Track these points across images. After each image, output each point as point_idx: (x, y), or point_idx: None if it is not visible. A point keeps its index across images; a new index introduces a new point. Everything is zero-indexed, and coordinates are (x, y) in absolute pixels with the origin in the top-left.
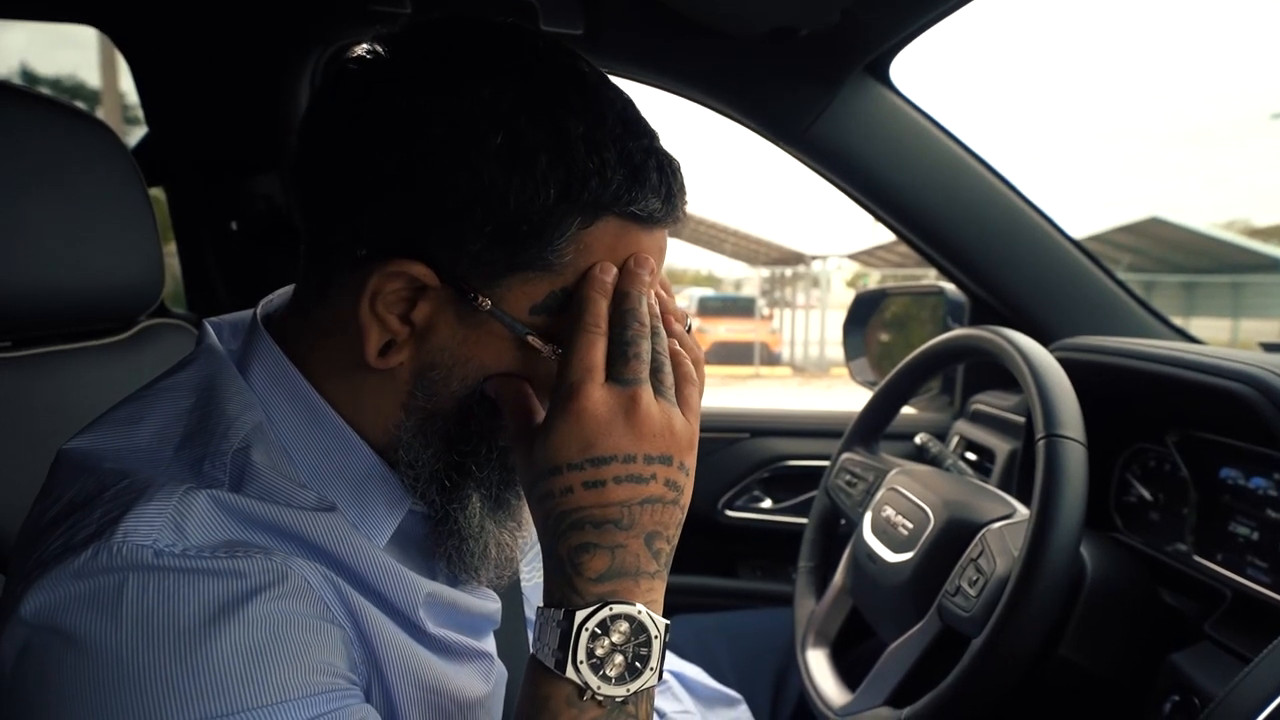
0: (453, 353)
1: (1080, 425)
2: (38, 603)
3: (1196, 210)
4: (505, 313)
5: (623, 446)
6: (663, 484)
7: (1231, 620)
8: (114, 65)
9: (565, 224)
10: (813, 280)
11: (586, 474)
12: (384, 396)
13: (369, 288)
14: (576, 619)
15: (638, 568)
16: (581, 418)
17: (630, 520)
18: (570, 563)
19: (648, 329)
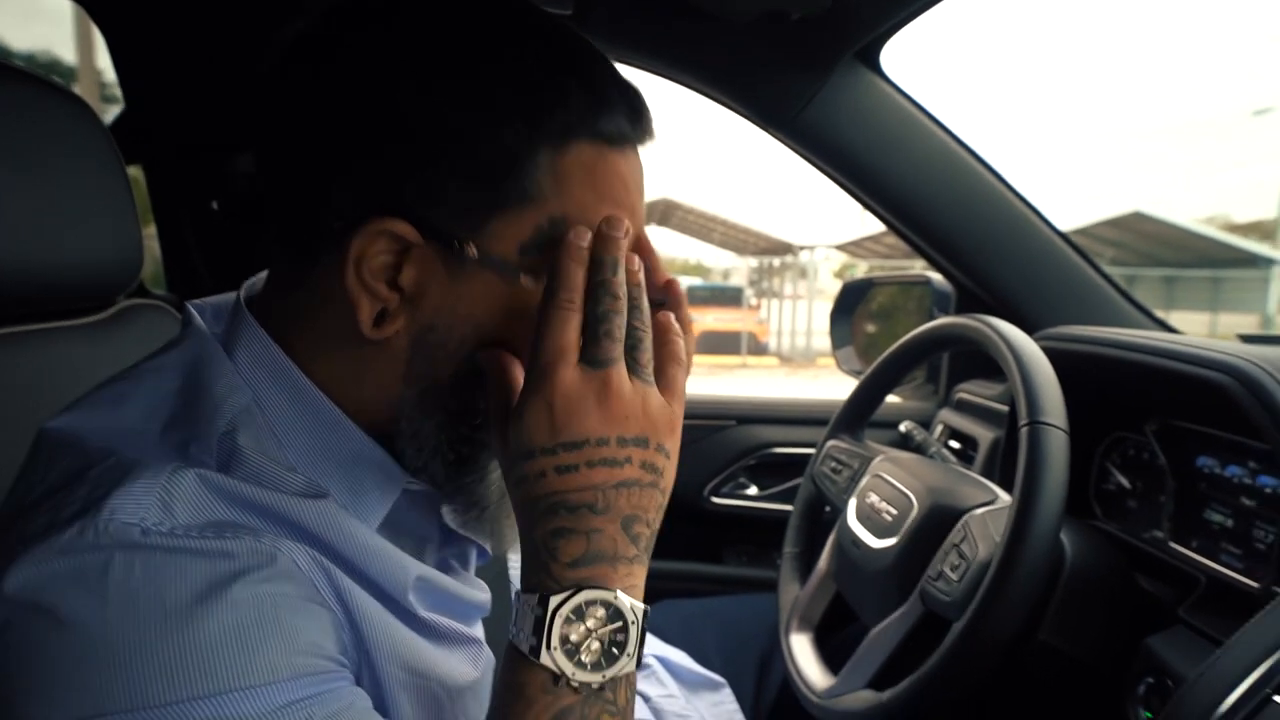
0: (447, 313)
1: (1063, 412)
2: (20, 579)
3: (1179, 205)
4: (493, 255)
5: (594, 429)
6: (639, 466)
7: (1205, 605)
8: (90, 41)
9: (536, 155)
10: (800, 270)
11: (559, 458)
12: (383, 370)
13: (352, 256)
14: (551, 604)
15: (615, 552)
16: (552, 401)
17: (606, 504)
18: (545, 548)
19: (623, 302)
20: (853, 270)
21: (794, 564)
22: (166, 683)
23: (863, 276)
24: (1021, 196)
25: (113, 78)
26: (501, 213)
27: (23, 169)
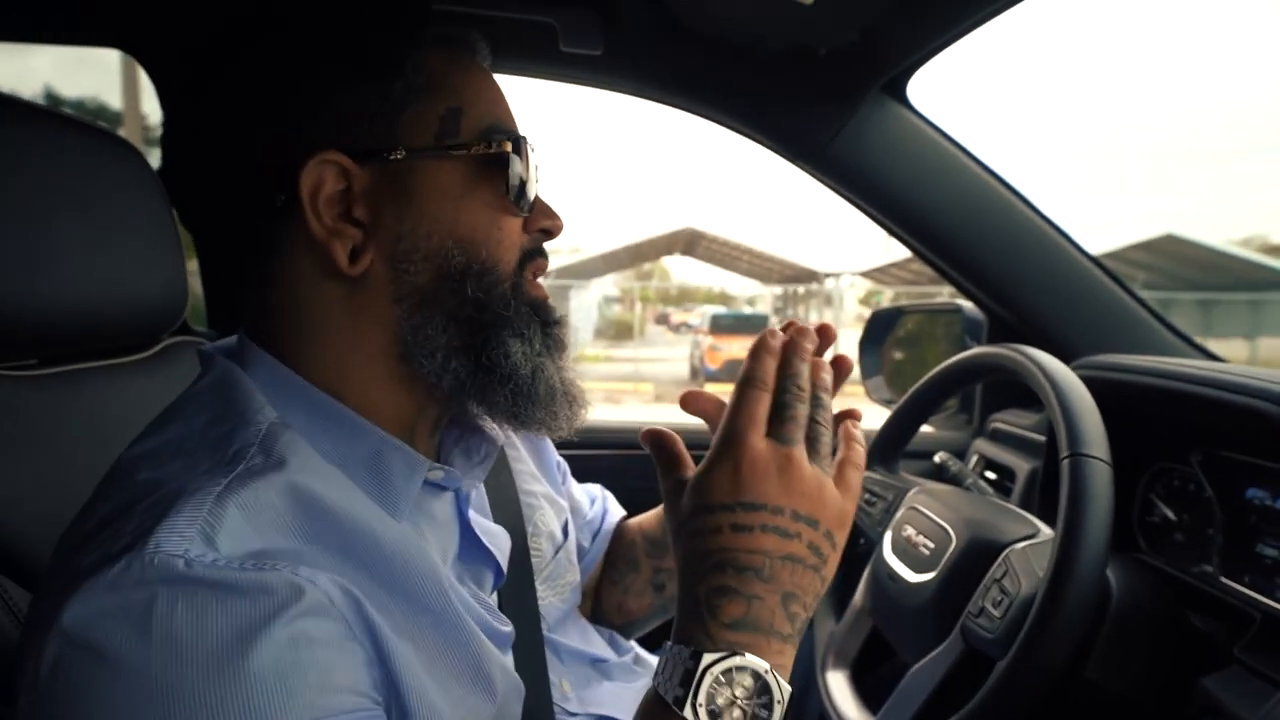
0: (406, 219)
1: (1105, 444)
2: (73, 615)
3: (1213, 227)
4: (416, 148)
5: (773, 497)
6: (806, 545)
7: (1261, 643)
8: (136, 87)
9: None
10: (825, 298)
11: (736, 516)
12: (375, 303)
13: (306, 200)
14: (704, 661)
15: (771, 625)
16: (739, 463)
17: (770, 573)
18: (707, 604)
19: (806, 394)
20: (878, 297)
21: (829, 598)
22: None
23: (892, 305)
24: (1053, 223)
25: (156, 120)
26: (404, 113)
27: (74, 212)
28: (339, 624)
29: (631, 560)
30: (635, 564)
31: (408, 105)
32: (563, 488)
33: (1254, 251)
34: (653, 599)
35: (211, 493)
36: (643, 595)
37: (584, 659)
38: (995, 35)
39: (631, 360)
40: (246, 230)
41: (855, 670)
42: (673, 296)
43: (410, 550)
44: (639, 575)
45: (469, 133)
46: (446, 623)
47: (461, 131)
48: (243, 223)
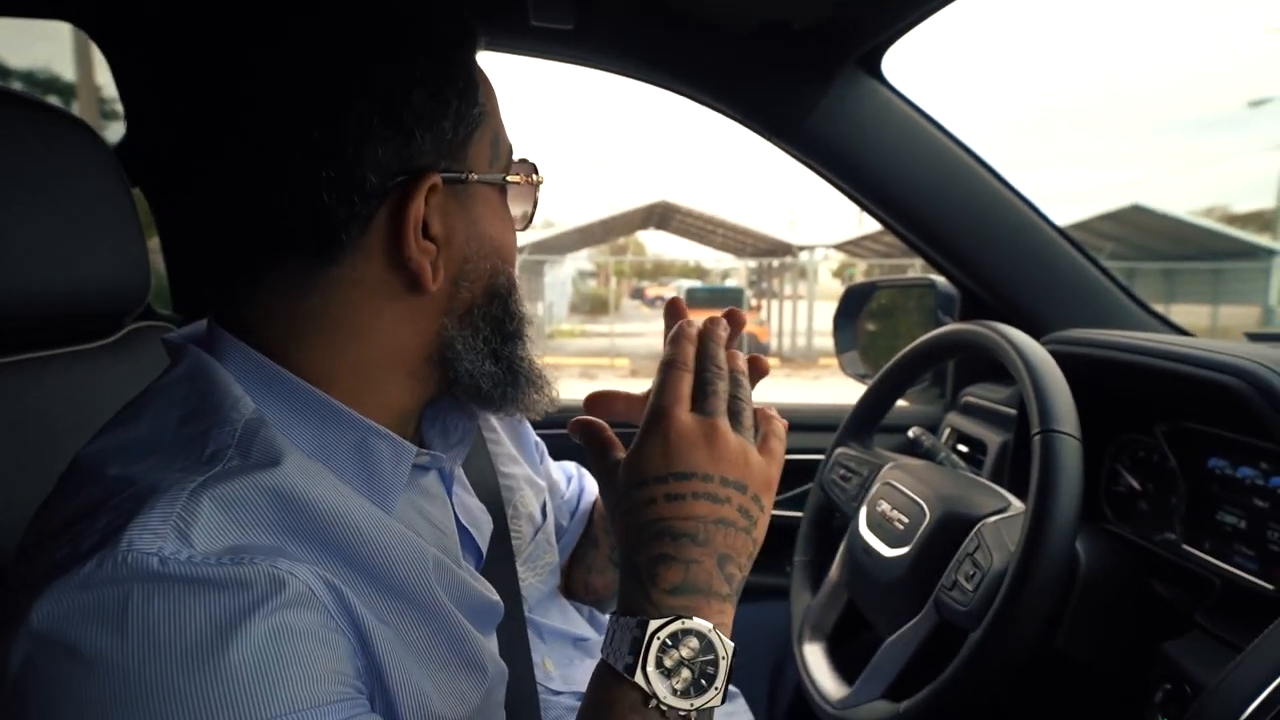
0: (472, 241)
1: (1075, 421)
2: (43, 614)
3: (1177, 197)
4: (481, 175)
5: (702, 465)
6: (736, 509)
7: (1221, 609)
8: (89, 58)
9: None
10: (799, 270)
11: (669, 486)
12: (427, 314)
13: (409, 223)
14: (650, 627)
15: (710, 586)
16: (668, 437)
17: (706, 537)
18: (647, 572)
19: (724, 372)
20: (852, 270)
21: (805, 572)
22: (189, 718)
23: (866, 280)
24: (1024, 198)
25: (111, 93)
26: (470, 137)
27: (30, 195)
28: (321, 615)
29: (592, 537)
30: (595, 540)
31: (474, 127)
32: (540, 467)
33: (1216, 221)
34: (613, 575)
35: (186, 488)
36: (604, 572)
37: (566, 638)
38: (966, 7)
39: (607, 335)
40: (305, 234)
41: (831, 642)
42: (648, 270)
43: (394, 541)
44: (599, 552)
45: (505, 158)
46: (430, 611)
47: (500, 156)
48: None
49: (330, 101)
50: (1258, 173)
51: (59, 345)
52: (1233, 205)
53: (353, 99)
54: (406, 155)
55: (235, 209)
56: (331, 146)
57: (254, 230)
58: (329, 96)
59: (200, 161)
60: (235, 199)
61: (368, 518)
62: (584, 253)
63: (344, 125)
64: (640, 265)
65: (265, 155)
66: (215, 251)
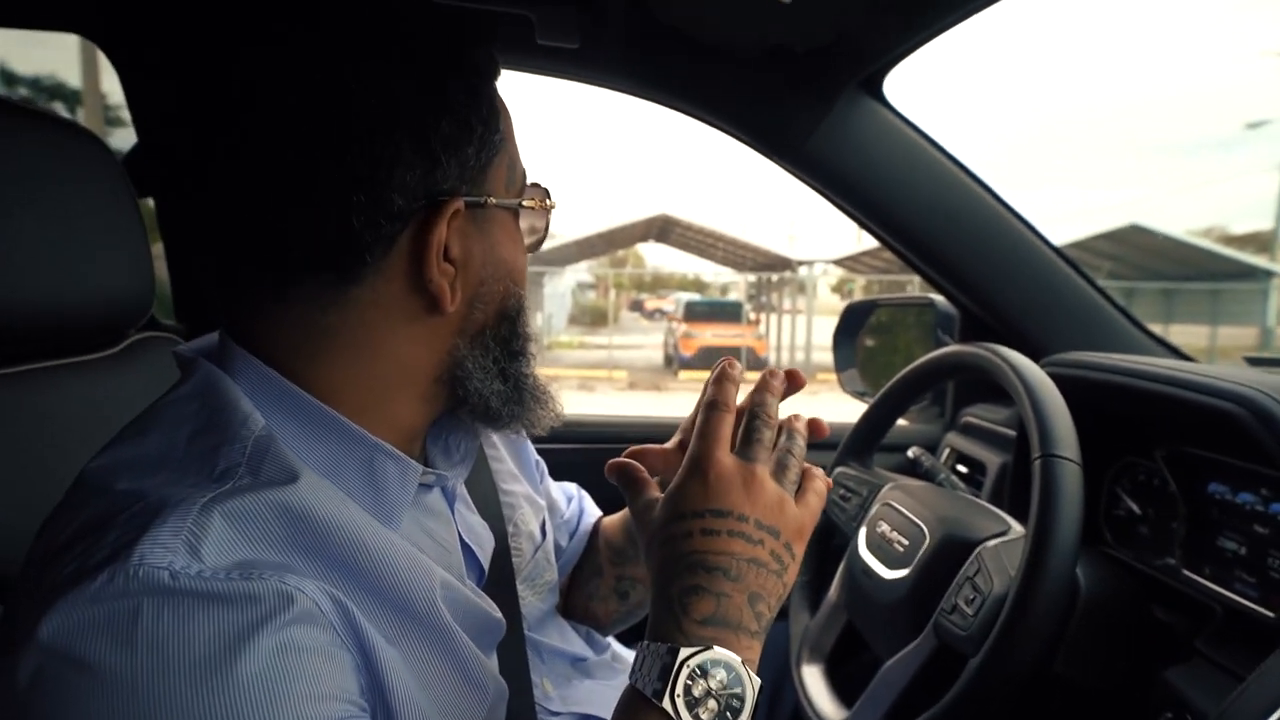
0: (488, 265)
1: (1075, 445)
2: (53, 627)
3: (1175, 218)
4: (498, 200)
5: (739, 506)
6: (769, 552)
7: (1222, 636)
8: (95, 66)
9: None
10: (798, 285)
11: (705, 522)
12: (440, 335)
13: (433, 247)
14: (680, 655)
15: (740, 622)
16: (707, 475)
17: (738, 573)
18: (679, 602)
19: (774, 423)
20: (851, 285)
21: (803, 593)
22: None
23: (866, 298)
24: (1023, 219)
25: (116, 100)
26: (491, 163)
27: (35, 205)
28: (327, 632)
29: (595, 566)
30: (599, 570)
31: (494, 152)
32: (540, 486)
33: (1213, 242)
34: (616, 605)
35: (196, 503)
36: (607, 601)
37: (564, 658)
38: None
39: (606, 347)
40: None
41: (830, 664)
42: (647, 283)
43: (400, 559)
44: (602, 581)
45: (520, 183)
46: (434, 630)
47: (516, 181)
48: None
49: (365, 127)
50: (1255, 194)
51: (62, 356)
52: (1230, 226)
53: (387, 125)
54: (432, 180)
55: (262, 222)
56: (364, 170)
57: (280, 247)
58: (365, 122)
59: (232, 178)
60: (265, 216)
61: (375, 535)
62: (583, 265)
63: (377, 150)
64: (640, 278)
65: (298, 176)
66: (237, 266)
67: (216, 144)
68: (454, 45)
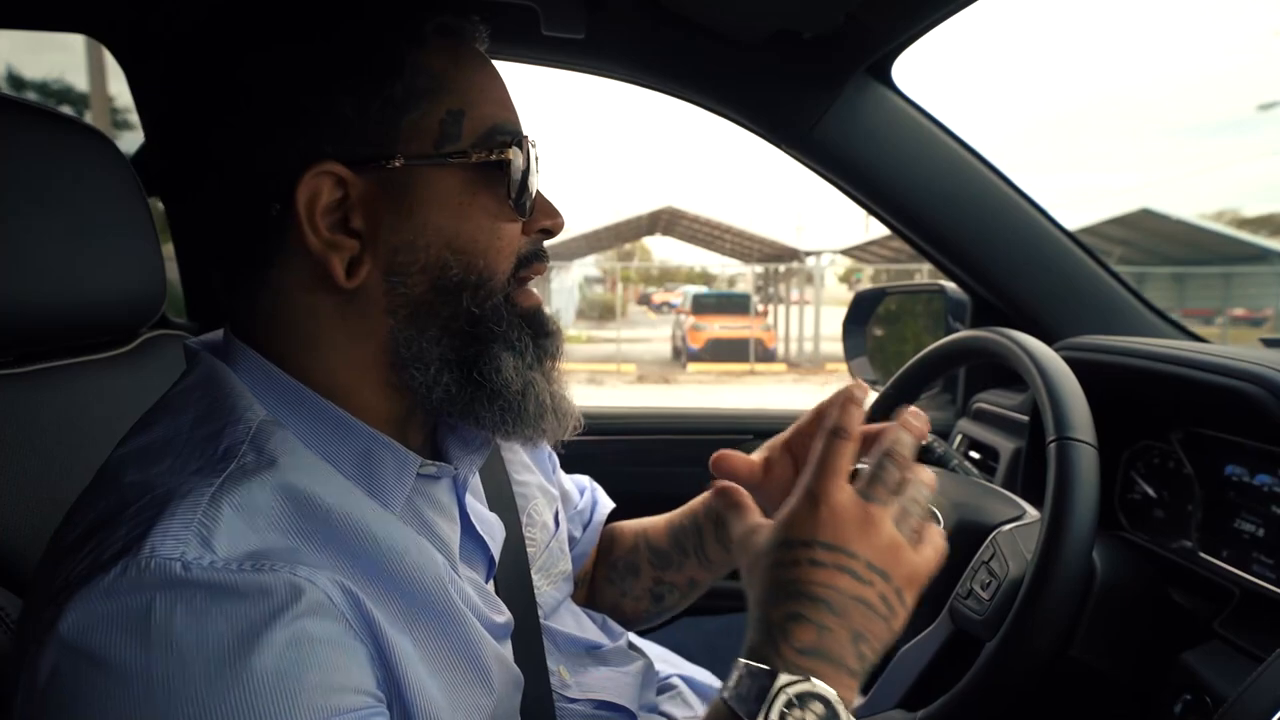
0: (405, 231)
1: (1091, 428)
2: (69, 622)
3: (1187, 201)
4: (415, 156)
5: (851, 543)
6: (877, 595)
7: (1240, 618)
8: (102, 68)
9: (405, 55)
10: (806, 276)
11: (815, 553)
12: (368, 314)
13: (302, 215)
14: (779, 681)
15: (841, 658)
16: (821, 507)
17: (842, 609)
18: (780, 628)
19: (905, 466)
20: (859, 275)
21: None
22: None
23: (876, 286)
24: (1035, 204)
25: (125, 102)
26: (404, 118)
27: (47, 206)
28: (339, 623)
29: (632, 566)
30: (635, 570)
31: (408, 109)
32: (553, 477)
33: (1225, 225)
34: (649, 606)
35: (205, 493)
36: (640, 601)
37: (580, 646)
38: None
39: (614, 341)
40: (240, 238)
41: None
42: (654, 276)
43: (407, 545)
44: (639, 581)
45: (471, 136)
46: (445, 617)
47: (463, 135)
48: (237, 231)
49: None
50: (1268, 177)
51: (75, 354)
52: (1243, 209)
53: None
54: (286, 144)
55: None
56: (226, 147)
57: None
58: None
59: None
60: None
61: (379, 521)
62: (591, 259)
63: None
64: (647, 271)
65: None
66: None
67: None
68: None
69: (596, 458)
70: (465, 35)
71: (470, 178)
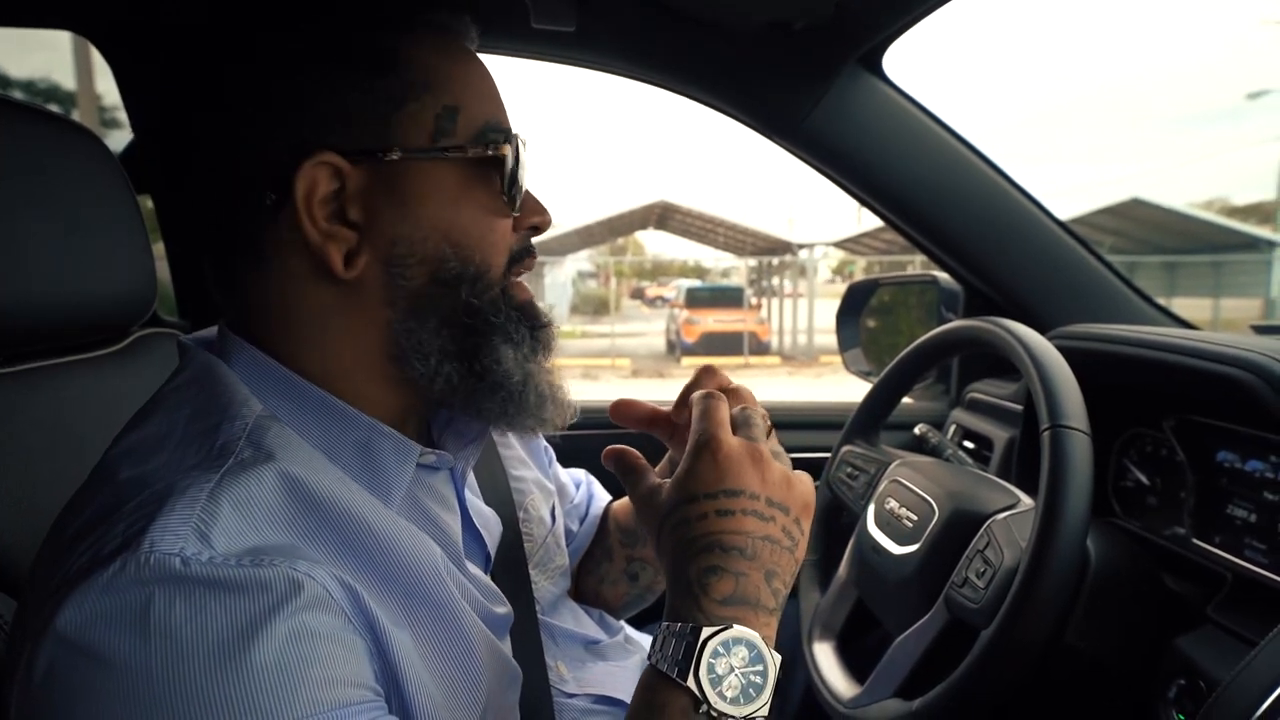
0: (402, 222)
1: (1084, 415)
2: (67, 618)
3: (1177, 190)
4: (413, 149)
5: (751, 484)
6: (780, 529)
7: (1233, 603)
8: (89, 67)
9: (392, 45)
10: (799, 268)
11: (719, 503)
12: (367, 305)
13: (300, 205)
14: (702, 634)
15: (758, 599)
16: (717, 456)
17: (753, 552)
18: (699, 583)
19: (758, 412)
20: (851, 266)
21: (813, 571)
22: None
23: (868, 277)
24: (1027, 193)
25: (112, 101)
26: (399, 111)
27: (35, 203)
28: (338, 617)
29: (606, 549)
30: (609, 552)
31: (403, 103)
32: (550, 471)
33: (1215, 214)
34: (627, 588)
35: (204, 489)
36: (617, 584)
37: (578, 641)
38: (966, 5)
39: (608, 335)
40: (235, 230)
41: (841, 641)
42: (648, 271)
43: (405, 538)
44: (613, 564)
45: (465, 132)
46: (444, 611)
47: (458, 131)
48: (231, 223)
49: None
50: (1257, 165)
51: (67, 354)
52: (1232, 198)
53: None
54: (283, 135)
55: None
56: (227, 140)
57: (215, 234)
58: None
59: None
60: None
61: (377, 514)
62: (584, 253)
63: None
64: (640, 265)
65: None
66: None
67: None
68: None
69: (593, 451)
70: (457, 32)
71: (465, 173)
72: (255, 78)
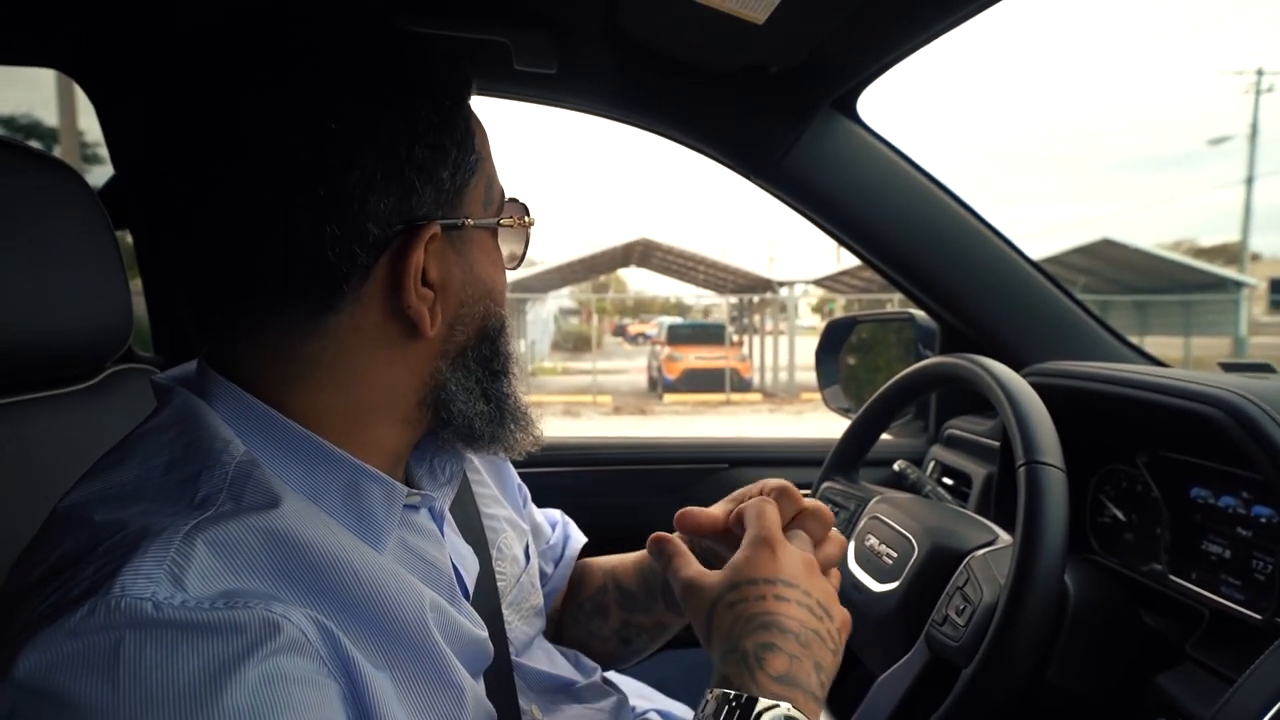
0: (467, 285)
1: (1059, 451)
2: (29, 664)
3: (1146, 232)
4: (476, 220)
5: (804, 582)
6: (828, 631)
7: (1211, 640)
8: (72, 103)
9: (467, 116)
10: (780, 306)
11: (778, 589)
12: (421, 358)
13: (412, 272)
14: (759, 705)
15: (808, 685)
16: (776, 552)
17: (806, 641)
18: (755, 656)
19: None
20: (831, 305)
21: None
22: None
23: (847, 315)
24: (999, 233)
25: (94, 138)
26: (467, 184)
27: (11, 238)
28: (313, 661)
29: (600, 606)
30: (604, 611)
31: (473, 174)
32: (524, 511)
33: (1184, 254)
34: (617, 648)
35: (179, 531)
36: (607, 643)
37: (552, 683)
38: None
39: (590, 372)
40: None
41: None
42: (629, 308)
43: (390, 582)
44: (606, 623)
45: (498, 202)
46: (424, 655)
47: (494, 198)
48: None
49: (336, 155)
50: (1221, 207)
51: (39, 389)
52: (1199, 239)
53: (359, 155)
54: (407, 206)
55: (239, 257)
56: (336, 200)
57: (257, 278)
58: (338, 153)
59: (206, 209)
60: (240, 247)
61: (363, 560)
62: (565, 291)
63: (350, 181)
64: (622, 302)
65: (270, 206)
66: (215, 297)
67: (193, 184)
68: (423, 70)
69: (571, 490)
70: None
71: (495, 237)
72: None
